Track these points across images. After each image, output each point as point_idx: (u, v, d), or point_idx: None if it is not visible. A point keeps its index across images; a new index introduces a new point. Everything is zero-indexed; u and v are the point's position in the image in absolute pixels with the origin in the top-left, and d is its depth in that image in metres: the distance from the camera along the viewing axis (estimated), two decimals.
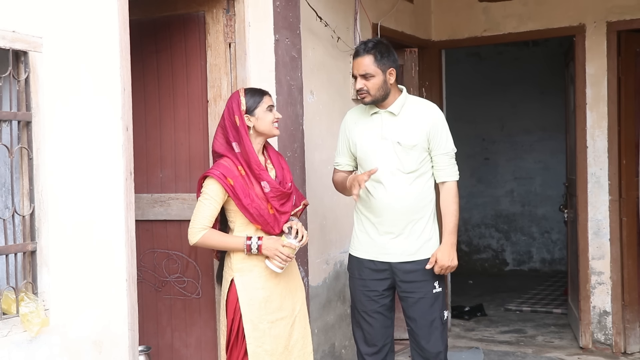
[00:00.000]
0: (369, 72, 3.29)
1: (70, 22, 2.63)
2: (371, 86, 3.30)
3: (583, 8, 5.31)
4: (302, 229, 3.19)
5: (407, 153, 3.33)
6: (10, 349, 2.40)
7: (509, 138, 9.01)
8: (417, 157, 3.35)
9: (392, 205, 3.35)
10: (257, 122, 3.18)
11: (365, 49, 3.31)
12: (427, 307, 3.37)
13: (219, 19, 3.62)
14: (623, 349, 5.27)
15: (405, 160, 3.34)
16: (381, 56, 3.30)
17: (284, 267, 3.15)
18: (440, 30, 5.84)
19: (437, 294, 3.38)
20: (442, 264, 3.32)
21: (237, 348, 3.18)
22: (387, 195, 3.35)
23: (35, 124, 2.51)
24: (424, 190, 3.39)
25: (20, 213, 2.50)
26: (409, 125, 3.35)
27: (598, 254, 5.32)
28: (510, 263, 9.11)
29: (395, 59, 3.37)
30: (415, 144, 3.33)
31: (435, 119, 3.38)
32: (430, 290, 3.37)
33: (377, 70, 3.29)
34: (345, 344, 4.51)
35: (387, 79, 3.31)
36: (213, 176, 3.11)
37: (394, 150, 3.35)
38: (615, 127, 5.22)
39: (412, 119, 3.37)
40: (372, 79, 3.29)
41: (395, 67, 3.35)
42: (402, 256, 3.38)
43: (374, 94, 3.32)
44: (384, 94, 3.33)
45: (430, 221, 3.41)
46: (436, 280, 3.38)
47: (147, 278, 3.78)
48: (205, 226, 3.13)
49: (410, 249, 3.37)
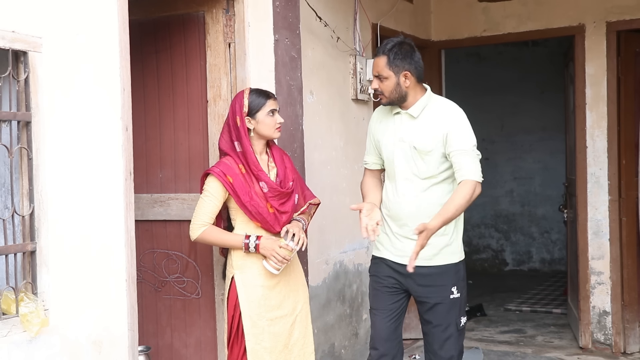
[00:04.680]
0: (382, 74, 3.19)
1: (70, 22, 2.63)
2: (384, 88, 3.20)
3: (583, 8, 5.31)
4: (299, 232, 3.21)
5: (423, 158, 3.19)
6: (10, 349, 2.40)
7: (509, 138, 9.01)
8: (435, 163, 3.18)
9: (409, 210, 3.22)
10: (258, 125, 3.22)
11: (382, 50, 3.20)
12: (443, 313, 3.23)
13: (219, 19, 3.62)
14: (623, 349, 5.27)
15: (421, 166, 3.20)
16: (394, 58, 3.17)
17: (280, 268, 3.17)
18: (440, 30, 5.84)
19: (454, 299, 3.23)
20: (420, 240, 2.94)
21: (238, 345, 3.21)
22: (404, 200, 3.23)
23: (34, 124, 2.51)
24: (444, 196, 3.19)
25: (20, 213, 2.50)
26: (427, 130, 3.20)
27: (598, 254, 5.32)
28: (510, 263, 9.11)
29: (415, 61, 3.21)
30: (430, 149, 3.17)
31: (451, 122, 3.19)
32: (448, 296, 3.23)
33: (390, 72, 3.18)
34: (345, 344, 4.52)
35: (400, 81, 3.18)
36: (213, 174, 3.17)
37: (411, 154, 3.21)
38: (615, 127, 5.23)
39: (430, 123, 3.20)
40: (386, 81, 3.19)
41: (414, 69, 3.19)
42: (418, 261, 3.10)
43: (389, 96, 3.21)
44: (399, 96, 3.20)
45: (449, 226, 3.21)
46: (454, 286, 3.24)
47: (147, 278, 3.78)
48: (205, 222, 3.18)
49: (427, 254, 3.17)
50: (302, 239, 3.20)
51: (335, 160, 4.47)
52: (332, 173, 4.42)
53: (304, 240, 3.21)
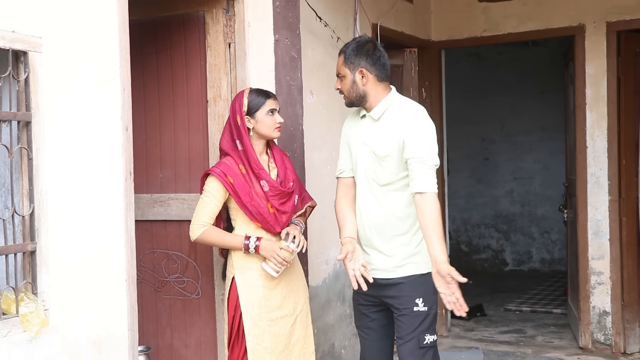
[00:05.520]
0: (340, 72, 3.07)
1: (70, 22, 2.63)
2: (343, 87, 3.08)
3: (583, 8, 5.31)
4: (299, 235, 3.21)
5: (380, 164, 3.02)
6: (10, 349, 2.39)
7: (509, 138, 9.02)
8: (393, 169, 3.00)
9: (369, 218, 3.07)
10: (257, 125, 3.23)
11: (342, 48, 3.10)
12: (405, 325, 3.02)
13: (219, 19, 3.62)
14: (623, 349, 5.27)
15: (379, 171, 3.03)
16: (349, 55, 3.03)
17: (279, 270, 3.17)
18: (440, 31, 5.84)
19: (418, 312, 2.99)
20: (439, 284, 2.81)
21: (238, 345, 3.21)
22: (365, 207, 3.09)
23: (35, 124, 2.51)
24: (405, 204, 3.01)
25: (20, 213, 2.50)
26: (385, 133, 3.02)
27: (598, 254, 5.32)
28: (510, 263, 9.12)
29: (374, 58, 3.03)
30: (386, 154, 2.99)
31: (412, 125, 2.97)
32: (411, 307, 3.00)
33: (346, 70, 3.04)
34: (344, 344, 4.52)
35: (356, 79, 3.02)
36: (214, 174, 3.17)
37: (371, 159, 3.05)
38: (615, 127, 5.23)
39: (390, 126, 3.02)
40: (344, 79, 3.07)
41: (371, 67, 3.02)
42: (382, 273, 3.05)
43: (347, 96, 3.08)
44: (357, 96, 3.05)
45: (415, 236, 3.04)
46: (419, 297, 3.00)
47: (147, 278, 3.78)
48: (205, 223, 3.18)
49: (390, 266, 3.04)
50: (302, 242, 3.21)
51: (335, 161, 4.41)
52: (332, 173, 4.40)
53: (304, 242, 3.22)
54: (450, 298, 2.78)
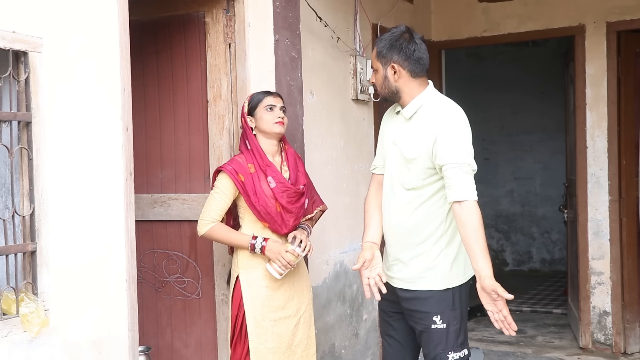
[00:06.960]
0: (373, 66, 2.93)
1: (70, 22, 2.63)
2: (376, 81, 2.94)
3: (583, 8, 5.31)
4: (306, 240, 3.22)
5: (407, 166, 2.84)
6: (10, 349, 2.39)
7: (509, 138, 9.02)
8: (420, 173, 2.82)
9: (392, 224, 2.94)
10: (258, 122, 3.27)
11: (377, 39, 2.95)
12: (426, 343, 2.89)
13: (219, 20, 3.62)
14: (623, 349, 5.27)
15: (405, 174, 2.86)
16: (382, 48, 2.86)
17: (283, 273, 3.17)
18: (440, 31, 5.84)
19: (437, 330, 2.84)
20: (486, 301, 2.67)
21: (241, 345, 3.21)
22: (389, 212, 2.95)
23: (35, 124, 2.51)
24: (430, 211, 2.84)
25: (20, 213, 2.50)
26: (416, 134, 2.84)
27: (598, 254, 5.32)
28: (510, 263, 9.11)
29: (408, 53, 2.84)
30: (414, 157, 2.81)
31: (444, 127, 2.76)
32: (429, 325, 2.85)
33: (378, 64, 2.88)
34: (345, 344, 4.51)
35: (388, 75, 2.86)
36: (225, 171, 3.19)
37: (400, 160, 2.88)
38: (615, 127, 5.23)
39: (421, 127, 2.83)
40: (376, 73, 2.91)
41: (404, 61, 2.83)
42: (401, 282, 2.92)
43: (380, 91, 2.94)
44: (388, 92, 2.89)
45: (435, 247, 2.86)
46: (437, 315, 2.84)
47: (147, 278, 3.78)
48: (214, 219, 3.19)
49: (408, 276, 2.90)
50: (308, 246, 3.22)
51: (335, 161, 4.47)
52: (332, 173, 4.42)
53: (310, 247, 3.23)
54: (498, 316, 2.64)
